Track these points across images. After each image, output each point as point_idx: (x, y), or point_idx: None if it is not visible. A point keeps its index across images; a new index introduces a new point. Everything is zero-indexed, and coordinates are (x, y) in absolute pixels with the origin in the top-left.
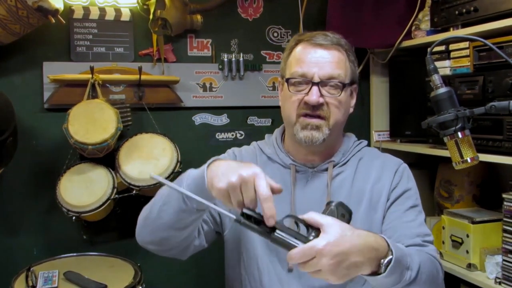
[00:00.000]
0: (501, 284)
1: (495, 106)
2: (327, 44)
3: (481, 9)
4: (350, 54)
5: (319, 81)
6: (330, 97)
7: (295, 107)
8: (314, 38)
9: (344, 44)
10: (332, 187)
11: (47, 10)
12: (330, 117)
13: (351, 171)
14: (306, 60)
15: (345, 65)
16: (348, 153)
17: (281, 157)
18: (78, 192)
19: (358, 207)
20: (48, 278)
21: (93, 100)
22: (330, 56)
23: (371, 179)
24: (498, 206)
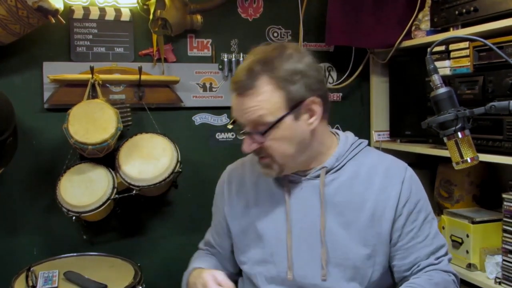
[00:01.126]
0: (501, 284)
1: (495, 106)
2: (243, 91)
3: (481, 9)
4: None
5: (247, 128)
6: (261, 143)
7: None
8: (234, 82)
9: (268, 70)
10: (328, 194)
11: (47, 10)
12: (274, 155)
13: (349, 176)
14: (233, 107)
15: (267, 102)
16: (343, 158)
17: None
18: (78, 192)
19: (358, 215)
20: (48, 278)
21: (93, 100)
22: (246, 103)
23: (375, 187)
24: (498, 206)
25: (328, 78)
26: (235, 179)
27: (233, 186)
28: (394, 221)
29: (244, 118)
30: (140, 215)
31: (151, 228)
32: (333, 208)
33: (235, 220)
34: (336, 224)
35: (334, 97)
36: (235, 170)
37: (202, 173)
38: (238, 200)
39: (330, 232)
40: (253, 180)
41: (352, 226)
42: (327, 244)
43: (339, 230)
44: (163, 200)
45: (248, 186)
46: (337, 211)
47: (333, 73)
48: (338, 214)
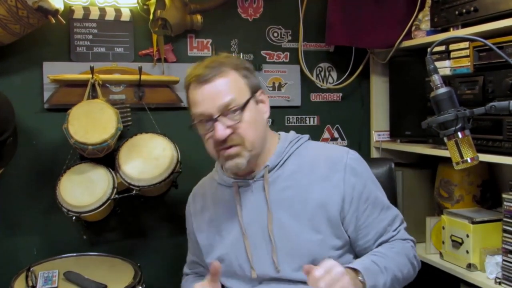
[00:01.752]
0: (501, 284)
1: (495, 106)
2: (210, 77)
3: (481, 9)
4: (239, 68)
5: (218, 115)
6: (235, 123)
7: (212, 146)
8: (198, 76)
9: (228, 63)
10: (274, 191)
11: (47, 10)
12: (245, 140)
13: (292, 171)
14: (199, 100)
15: (235, 85)
16: (283, 154)
17: (225, 179)
18: (78, 192)
19: (306, 205)
20: (48, 278)
21: (93, 100)
22: (216, 87)
23: (318, 176)
24: (498, 206)
25: (328, 78)
26: (198, 197)
27: (198, 204)
28: (344, 204)
29: (215, 103)
30: (140, 215)
31: (151, 228)
32: (282, 203)
33: (202, 234)
34: (287, 217)
35: (334, 97)
36: (198, 189)
37: (202, 173)
38: (202, 215)
39: (281, 226)
40: (212, 195)
41: (302, 216)
42: (275, 238)
43: (291, 222)
44: (163, 200)
45: (209, 200)
46: (286, 205)
47: (333, 73)
48: (288, 207)
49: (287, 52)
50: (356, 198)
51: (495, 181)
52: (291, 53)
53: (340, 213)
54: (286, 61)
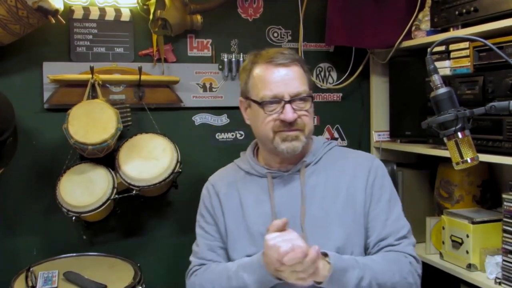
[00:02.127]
0: (501, 284)
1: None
2: (287, 62)
3: (481, 9)
4: (304, 66)
5: (290, 99)
6: (302, 111)
7: (271, 126)
8: (274, 58)
9: (300, 59)
10: (308, 186)
11: (47, 10)
12: (305, 128)
13: (324, 169)
14: (273, 81)
15: (306, 79)
16: (318, 153)
17: (257, 169)
18: (78, 192)
19: (335, 202)
20: (48, 278)
21: (93, 100)
22: (292, 73)
23: (347, 175)
24: (498, 206)
25: (328, 78)
26: (221, 184)
27: (221, 190)
28: (365, 202)
29: (288, 87)
30: (140, 215)
31: (151, 228)
32: (314, 197)
33: (230, 217)
34: (317, 210)
35: (334, 97)
36: (218, 178)
37: (202, 173)
38: (229, 200)
39: (312, 218)
40: (239, 183)
41: (331, 211)
42: (306, 229)
43: (321, 216)
44: (163, 200)
45: (235, 189)
46: (317, 201)
47: (333, 73)
48: (319, 202)
49: None
50: (369, 196)
51: (495, 181)
52: None
53: (363, 209)
54: None
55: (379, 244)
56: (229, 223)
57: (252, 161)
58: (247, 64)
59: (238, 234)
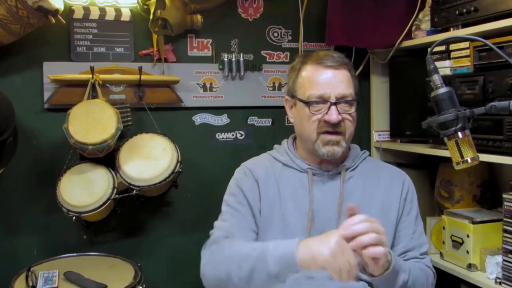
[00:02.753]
0: (501, 284)
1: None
2: (336, 65)
3: (481, 9)
4: (352, 70)
5: (335, 101)
6: (346, 114)
7: (315, 127)
8: (323, 60)
9: (348, 63)
10: (346, 189)
11: (47, 10)
12: (346, 132)
13: (361, 176)
14: (321, 82)
15: (353, 83)
16: (357, 160)
17: (297, 163)
18: (78, 192)
19: (370, 208)
20: (48, 278)
21: (93, 100)
22: (341, 76)
23: (382, 185)
24: (498, 206)
25: None
26: (259, 170)
27: (260, 176)
28: (398, 213)
29: (335, 89)
30: (140, 215)
31: (151, 228)
32: (350, 201)
33: (266, 203)
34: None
35: None
36: (256, 165)
37: (202, 173)
38: (266, 187)
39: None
40: (277, 174)
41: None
42: None
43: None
44: (163, 200)
45: (275, 177)
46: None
47: None
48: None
49: (287, 52)
50: (402, 208)
51: (495, 181)
52: (291, 53)
53: (396, 219)
54: (286, 61)
55: (406, 255)
56: (264, 210)
57: (293, 154)
58: (297, 64)
59: (271, 223)
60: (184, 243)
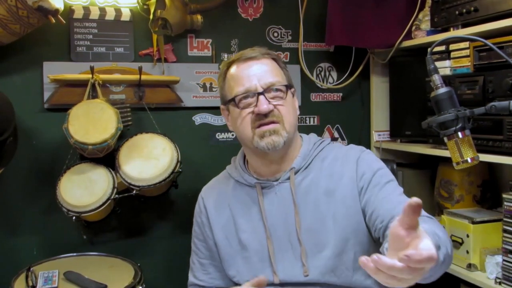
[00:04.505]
0: (501, 284)
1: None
2: (257, 56)
3: (481, 9)
4: (279, 61)
5: (263, 90)
6: (278, 101)
7: (248, 122)
8: (243, 54)
9: (272, 53)
10: (299, 194)
11: (47, 10)
12: (284, 120)
13: (316, 174)
14: (244, 76)
15: (279, 71)
16: (308, 156)
17: (246, 178)
18: (78, 192)
19: (328, 207)
20: (48, 278)
21: (93, 100)
22: (264, 66)
23: (336, 176)
24: (498, 206)
25: (328, 78)
26: (211, 196)
27: (211, 204)
28: (360, 196)
29: (261, 79)
30: (140, 215)
31: (151, 228)
32: (307, 206)
33: (220, 232)
34: (312, 220)
35: (334, 97)
36: (210, 189)
37: (202, 173)
38: (219, 214)
39: (308, 229)
40: (229, 193)
41: (326, 217)
42: (304, 242)
43: (316, 225)
44: (163, 200)
45: (227, 199)
46: (311, 208)
47: (333, 73)
48: (313, 210)
49: (287, 52)
50: (365, 185)
51: (495, 181)
52: (291, 53)
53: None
54: (286, 61)
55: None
56: (219, 238)
57: (241, 169)
58: (223, 68)
59: (231, 249)
60: (184, 243)
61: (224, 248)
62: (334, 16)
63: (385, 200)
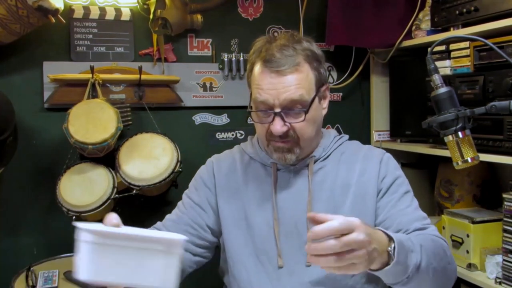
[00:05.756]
0: (501, 284)
1: (495, 106)
2: (284, 69)
3: (481, 9)
4: (311, 60)
5: (280, 110)
6: (296, 120)
7: (264, 133)
8: (270, 61)
9: (302, 52)
10: (314, 182)
11: (47, 9)
12: (300, 139)
13: (334, 165)
14: (264, 87)
15: (306, 81)
16: (328, 148)
17: (262, 156)
18: (78, 192)
19: (344, 200)
20: (48, 278)
21: (93, 100)
22: (286, 81)
23: (356, 172)
24: (498, 206)
25: (328, 78)
26: (224, 163)
27: (222, 170)
28: (377, 197)
29: (283, 97)
30: (140, 215)
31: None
32: (321, 194)
33: (225, 203)
34: (324, 210)
35: (334, 97)
36: (224, 156)
37: None
38: (228, 183)
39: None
40: (243, 168)
41: (339, 210)
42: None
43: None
44: (163, 200)
45: (238, 172)
46: (325, 198)
47: (333, 72)
48: (326, 200)
49: None
50: (383, 190)
51: (495, 181)
52: None
53: (375, 204)
54: None
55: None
56: (223, 207)
57: (259, 146)
58: (251, 55)
59: (234, 221)
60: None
61: (227, 218)
62: (334, 16)
63: (402, 213)
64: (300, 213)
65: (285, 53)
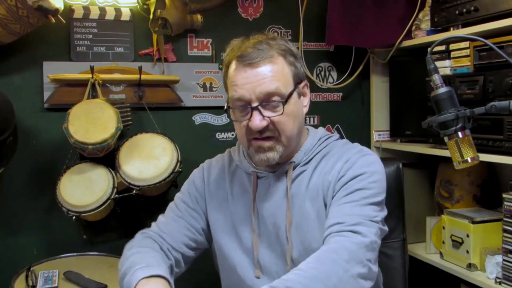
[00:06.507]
0: (501, 284)
1: (495, 106)
2: (256, 61)
3: (481, 9)
4: (286, 54)
5: (258, 104)
6: (275, 114)
7: (244, 133)
8: (244, 56)
9: (276, 47)
10: (293, 188)
11: (47, 9)
12: (281, 135)
13: (311, 170)
14: (239, 83)
15: (281, 74)
16: (310, 152)
17: (244, 164)
18: (78, 192)
19: (313, 204)
20: (48, 278)
21: (93, 100)
22: (261, 74)
23: (326, 174)
24: (498, 206)
25: (328, 77)
26: (214, 170)
27: (212, 177)
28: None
29: (258, 90)
30: (140, 215)
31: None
32: (300, 201)
33: (215, 211)
34: (299, 217)
35: (334, 97)
36: (215, 163)
37: None
38: (217, 191)
39: (297, 226)
40: (230, 176)
41: (310, 215)
42: (292, 239)
43: (302, 221)
44: (163, 200)
45: (226, 180)
46: (302, 204)
47: (333, 73)
48: (300, 206)
49: None
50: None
51: (495, 181)
52: None
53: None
54: None
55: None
56: (212, 214)
57: (243, 154)
58: (226, 55)
59: (224, 228)
60: None
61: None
62: (334, 16)
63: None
64: (280, 221)
65: (258, 47)
